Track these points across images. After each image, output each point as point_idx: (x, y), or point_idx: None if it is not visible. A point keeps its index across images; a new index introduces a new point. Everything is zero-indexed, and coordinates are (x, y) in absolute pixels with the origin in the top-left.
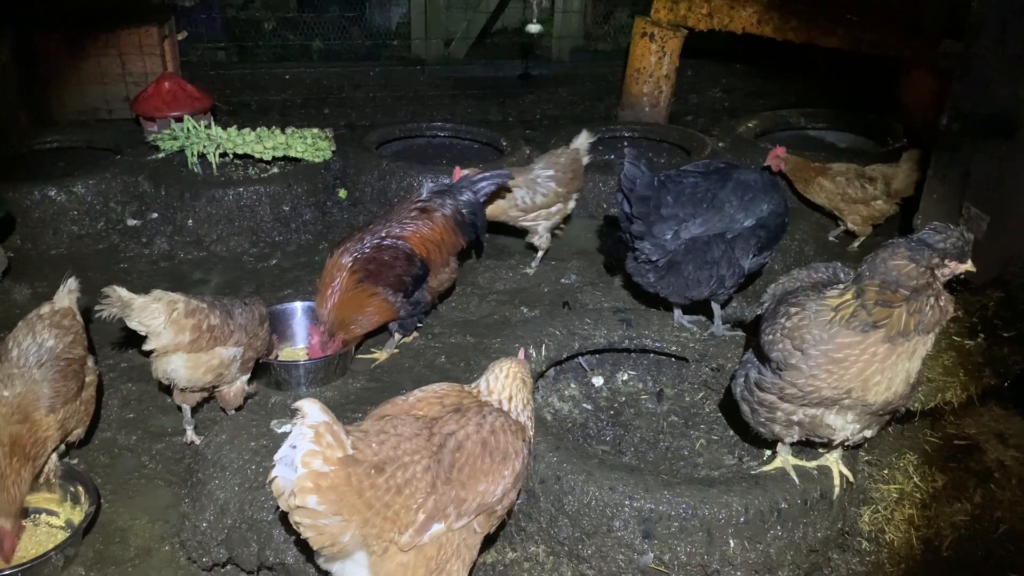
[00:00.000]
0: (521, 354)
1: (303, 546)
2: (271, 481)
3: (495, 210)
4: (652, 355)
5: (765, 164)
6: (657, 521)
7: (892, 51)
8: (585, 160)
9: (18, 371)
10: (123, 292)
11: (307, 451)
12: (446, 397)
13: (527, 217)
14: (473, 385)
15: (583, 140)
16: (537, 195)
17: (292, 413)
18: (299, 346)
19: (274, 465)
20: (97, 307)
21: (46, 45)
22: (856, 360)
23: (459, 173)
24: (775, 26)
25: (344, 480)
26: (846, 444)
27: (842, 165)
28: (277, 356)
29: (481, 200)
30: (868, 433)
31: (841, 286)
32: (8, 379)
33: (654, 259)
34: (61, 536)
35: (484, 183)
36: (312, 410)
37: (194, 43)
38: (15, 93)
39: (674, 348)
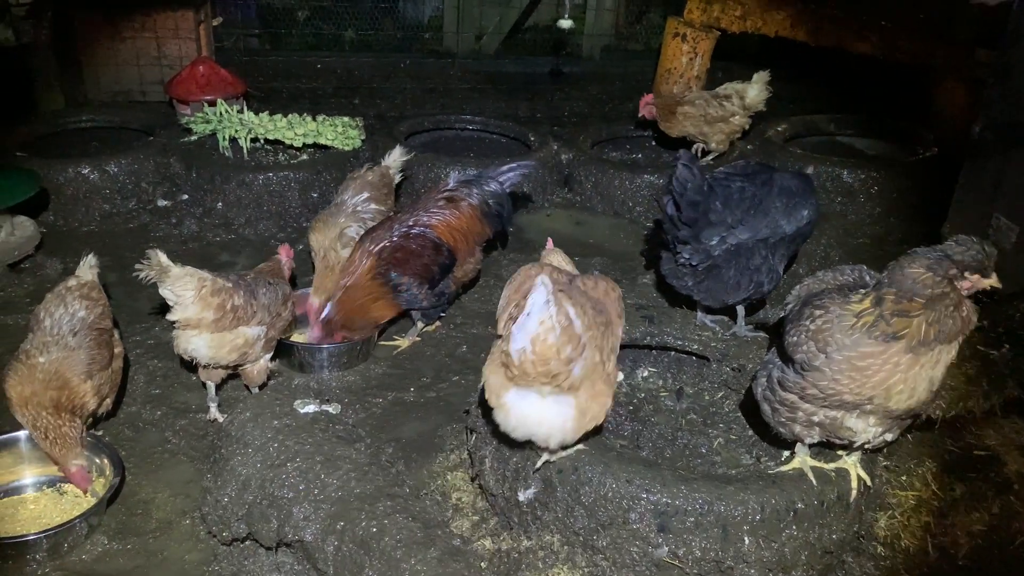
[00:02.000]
0: (549, 244)
1: (322, 524)
2: (519, 350)
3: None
4: (673, 353)
5: (640, 114)
6: (673, 515)
7: (925, 59)
8: (397, 178)
9: (52, 339)
10: (163, 257)
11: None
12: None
13: None
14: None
15: (396, 157)
16: (366, 223)
17: (315, 394)
18: None
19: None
20: (136, 266)
21: (84, 26)
22: (879, 369)
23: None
24: (808, 30)
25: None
26: (866, 447)
27: (696, 92)
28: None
29: (507, 190)
30: (889, 436)
31: (864, 291)
32: (43, 346)
33: (695, 263)
34: (85, 505)
35: (511, 173)
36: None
37: (228, 29)
38: (52, 72)
39: (695, 347)
